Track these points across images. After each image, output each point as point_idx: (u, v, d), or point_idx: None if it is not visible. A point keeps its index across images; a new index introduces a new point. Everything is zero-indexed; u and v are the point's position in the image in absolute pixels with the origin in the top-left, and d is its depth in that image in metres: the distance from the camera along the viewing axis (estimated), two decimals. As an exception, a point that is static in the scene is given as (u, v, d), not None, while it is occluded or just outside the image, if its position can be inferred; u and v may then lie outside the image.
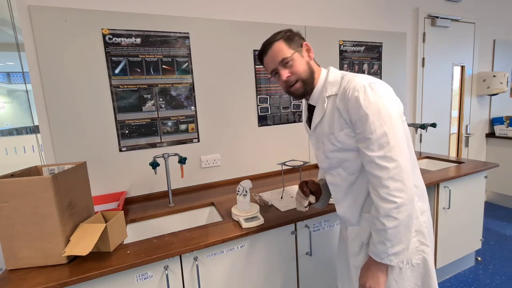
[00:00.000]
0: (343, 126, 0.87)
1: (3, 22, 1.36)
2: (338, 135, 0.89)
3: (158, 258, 1.03)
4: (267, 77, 1.97)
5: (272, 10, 1.96)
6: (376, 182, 0.81)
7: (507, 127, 3.12)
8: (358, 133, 0.84)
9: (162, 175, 1.64)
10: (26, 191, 0.95)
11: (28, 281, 0.92)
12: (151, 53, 1.63)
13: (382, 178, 0.79)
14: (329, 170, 0.98)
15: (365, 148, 0.82)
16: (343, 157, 0.91)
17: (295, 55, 0.91)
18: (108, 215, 1.17)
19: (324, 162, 0.98)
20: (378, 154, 0.79)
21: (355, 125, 0.84)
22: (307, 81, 0.93)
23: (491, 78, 3.00)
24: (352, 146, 0.88)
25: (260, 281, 1.28)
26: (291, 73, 0.91)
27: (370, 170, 0.82)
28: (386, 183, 0.78)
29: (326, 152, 0.95)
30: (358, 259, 0.98)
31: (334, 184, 0.99)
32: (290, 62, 0.91)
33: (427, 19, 2.66)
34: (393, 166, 0.78)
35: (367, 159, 0.82)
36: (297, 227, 1.33)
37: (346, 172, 0.93)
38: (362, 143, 0.83)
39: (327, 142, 0.93)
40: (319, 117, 0.94)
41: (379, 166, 0.79)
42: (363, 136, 0.82)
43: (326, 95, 0.91)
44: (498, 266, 2.12)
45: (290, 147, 2.12)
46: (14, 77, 1.45)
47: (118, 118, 1.59)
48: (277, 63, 0.91)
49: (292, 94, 0.97)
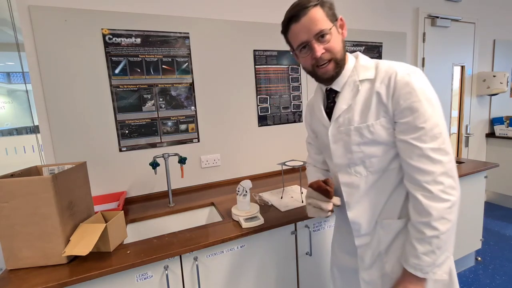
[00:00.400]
0: (381, 114, 0.75)
1: (3, 22, 1.36)
2: (373, 125, 0.76)
3: (158, 258, 1.03)
4: (267, 77, 1.97)
5: (272, 10, 1.96)
6: (427, 179, 0.70)
7: (507, 127, 3.12)
8: (404, 123, 0.72)
9: (162, 175, 1.64)
10: (26, 191, 0.95)
11: (28, 281, 0.92)
12: (151, 53, 1.63)
13: (436, 174, 0.69)
14: (346, 168, 0.85)
15: (416, 139, 0.71)
16: (370, 152, 0.79)
17: (333, 29, 0.76)
18: (108, 215, 1.17)
19: (342, 157, 0.85)
20: (431, 145, 0.70)
21: (402, 113, 0.72)
22: (340, 62, 0.79)
23: (491, 78, 3.00)
24: (383, 139, 0.77)
25: (260, 281, 1.28)
26: (326, 50, 0.76)
27: (420, 165, 0.71)
28: (440, 179, 0.69)
29: (350, 145, 0.81)
30: (370, 273, 0.87)
31: (349, 185, 0.86)
32: (327, 36, 0.75)
33: (427, 19, 2.66)
34: (448, 159, 0.70)
35: (417, 153, 0.71)
36: (297, 227, 1.32)
37: (368, 170, 0.81)
38: (410, 134, 0.72)
39: (354, 133, 0.80)
40: (346, 104, 0.81)
41: (432, 159, 0.70)
42: (413, 126, 0.71)
43: (359, 78, 0.79)
44: (498, 266, 2.12)
45: (290, 147, 2.12)
46: (14, 77, 1.45)
47: (118, 118, 1.59)
48: (312, 35, 0.75)
49: (318, 77, 0.83)
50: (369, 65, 0.80)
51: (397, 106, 0.73)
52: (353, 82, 0.80)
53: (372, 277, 0.87)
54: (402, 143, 0.74)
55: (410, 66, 0.75)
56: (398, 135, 0.75)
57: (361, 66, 0.81)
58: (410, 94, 0.71)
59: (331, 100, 0.86)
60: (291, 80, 2.05)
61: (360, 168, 0.82)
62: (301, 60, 0.83)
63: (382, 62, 0.79)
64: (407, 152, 0.73)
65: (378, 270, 0.86)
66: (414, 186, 0.73)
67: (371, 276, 0.87)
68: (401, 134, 0.74)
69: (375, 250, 0.86)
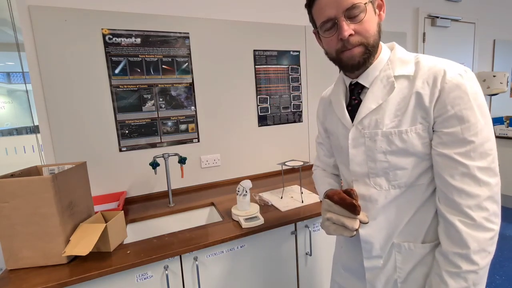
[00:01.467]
0: (418, 120, 0.63)
1: (3, 22, 1.37)
2: (407, 131, 0.64)
3: (158, 258, 1.03)
4: (267, 77, 1.97)
5: (272, 10, 1.96)
6: (469, 204, 0.59)
7: (507, 127, 3.12)
8: (449, 133, 0.60)
9: (162, 175, 1.64)
10: (26, 191, 0.95)
11: (28, 281, 0.92)
12: (151, 53, 1.63)
13: (481, 198, 0.59)
14: (365, 178, 0.73)
15: (462, 155, 0.59)
16: (398, 163, 0.67)
17: (369, 6, 0.63)
18: (108, 215, 1.17)
19: (362, 166, 0.72)
20: (479, 164, 0.59)
21: (448, 122, 0.60)
22: (372, 49, 0.66)
23: (491, 78, 3.00)
24: (417, 150, 0.64)
25: (260, 281, 1.28)
26: (355, 32, 0.63)
27: (463, 186, 0.60)
28: (485, 204, 0.59)
29: (374, 153, 0.69)
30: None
31: (365, 198, 0.73)
32: (360, 14, 0.62)
33: (427, 19, 2.66)
34: (495, 182, 0.60)
35: (461, 171, 0.60)
36: (297, 227, 1.32)
37: (391, 183, 0.69)
38: (455, 148, 0.60)
39: (381, 139, 0.67)
40: (375, 103, 0.68)
41: (479, 181, 0.59)
42: (461, 138, 0.59)
43: (394, 73, 0.67)
44: (498, 266, 2.12)
45: (290, 147, 2.12)
46: (14, 77, 1.45)
47: (118, 118, 1.59)
48: (341, 10, 0.62)
49: (342, 62, 0.69)
50: (408, 59, 0.68)
51: (442, 112, 0.60)
52: (386, 77, 0.68)
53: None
54: (443, 158, 0.62)
55: (461, 65, 0.63)
56: (438, 148, 0.62)
57: (398, 59, 0.68)
58: (462, 99, 0.59)
59: (356, 96, 0.74)
60: (291, 80, 2.05)
61: (382, 180, 0.70)
62: (324, 42, 0.70)
63: (424, 57, 0.67)
64: (448, 169, 0.61)
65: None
66: (452, 210, 0.62)
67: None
68: (442, 147, 0.62)
69: (390, 278, 0.73)
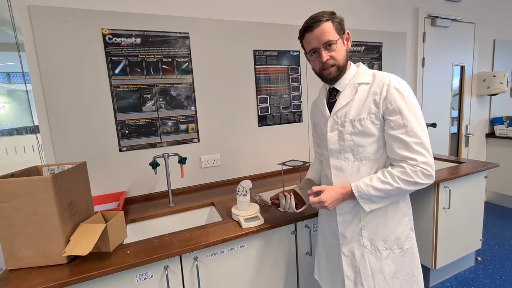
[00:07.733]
0: (372, 111, 0.94)
1: (3, 22, 1.36)
2: (364, 119, 0.94)
3: (158, 258, 1.03)
4: (267, 77, 1.97)
5: (272, 10, 1.96)
6: (410, 162, 0.89)
7: (507, 127, 3.12)
8: (392, 120, 0.91)
9: (162, 175, 1.64)
10: (26, 191, 0.95)
11: (28, 281, 0.92)
12: (151, 53, 1.63)
13: (418, 161, 0.88)
14: (338, 154, 1.02)
15: (403, 134, 0.90)
16: (359, 141, 0.96)
17: (339, 41, 0.94)
18: (108, 215, 1.17)
19: (336, 144, 1.01)
20: (415, 140, 0.89)
21: (391, 113, 0.90)
22: (342, 68, 0.97)
23: (491, 78, 3.00)
24: (371, 132, 0.94)
25: (260, 281, 1.28)
26: (330, 57, 0.94)
27: (406, 153, 0.90)
28: (421, 165, 0.88)
29: (343, 134, 0.99)
30: (350, 246, 1.03)
31: (338, 168, 1.03)
32: (333, 46, 0.93)
33: (427, 19, 2.66)
34: (426, 152, 0.89)
35: (404, 144, 0.90)
36: (297, 227, 1.33)
37: (355, 157, 0.98)
38: (398, 130, 0.90)
39: (348, 125, 0.97)
40: (345, 100, 0.98)
41: (415, 150, 0.89)
42: (401, 123, 0.90)
43: (358, 81, 0.97)
44: (498, 266, 2.12)
45: (290, 147, 2.12)
46: (14, 77, 1.45)
47: (118, 118, 1.59)
48: (321, 43, 0.93)
49: (323, 77, 1.01)
50: (367, 72, 0.99)
51: (387, 106, 0.91)
52: (353, 84, 0.99)
53: (351, 250, 1.03)
54: (391, 137, 0.92)
55: (399, 77, 0.96)
56: (388, 131, 0.93)
57: (361, 72, 1.00)
58: (398, 98, 0.90)
59: (333, 97, 1.04)
60: (291, 80, 2.05)
61: (348, 155, 1.00)
62: (311, 62, 1.01)
63: (378, 72, 0.99)
64: (396, 143, 0.92)
65: (357, 244, 1.02)
66: (399, 162, 0.92)
67: (351, 250, 1.03)
68: (391, 130, 0.92)
69: (356, 227, 1.02)
